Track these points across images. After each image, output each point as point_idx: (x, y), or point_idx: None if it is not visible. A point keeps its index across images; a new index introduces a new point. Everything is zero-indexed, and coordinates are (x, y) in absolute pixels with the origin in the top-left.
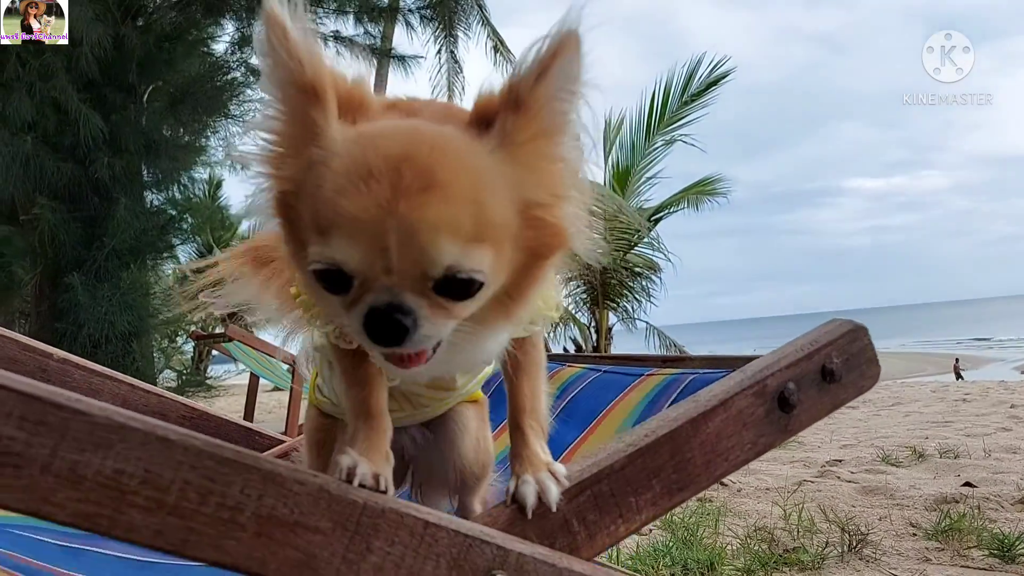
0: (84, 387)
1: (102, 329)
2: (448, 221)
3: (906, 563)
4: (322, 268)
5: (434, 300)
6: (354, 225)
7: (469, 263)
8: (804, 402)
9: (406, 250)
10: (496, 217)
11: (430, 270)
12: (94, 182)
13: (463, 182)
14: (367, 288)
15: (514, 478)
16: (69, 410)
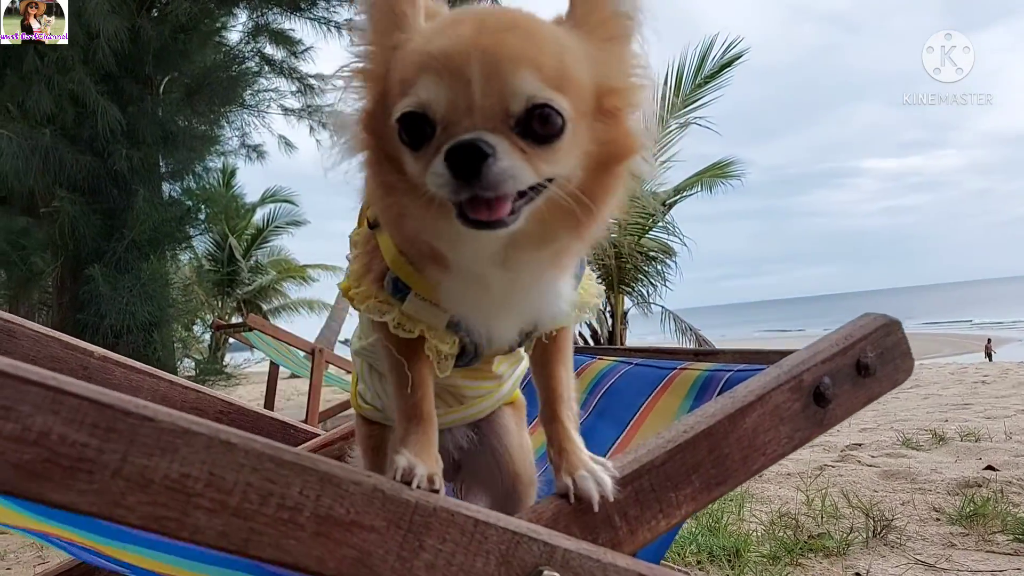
0: (125, 384)
1: (123, 320)
2: (531, 57)
3: (931, 548)
4: (408, 111)
5: (515, 141)
6: (440, 60)
7: (549, 96)
8: (839, 396)
9: (489, 83)
10: (574, 75)
11: (511, 104)
12: (112, 174)
13: (544, 32)
14: (449, 135)
15: (566, 474)
16: (137, 416)
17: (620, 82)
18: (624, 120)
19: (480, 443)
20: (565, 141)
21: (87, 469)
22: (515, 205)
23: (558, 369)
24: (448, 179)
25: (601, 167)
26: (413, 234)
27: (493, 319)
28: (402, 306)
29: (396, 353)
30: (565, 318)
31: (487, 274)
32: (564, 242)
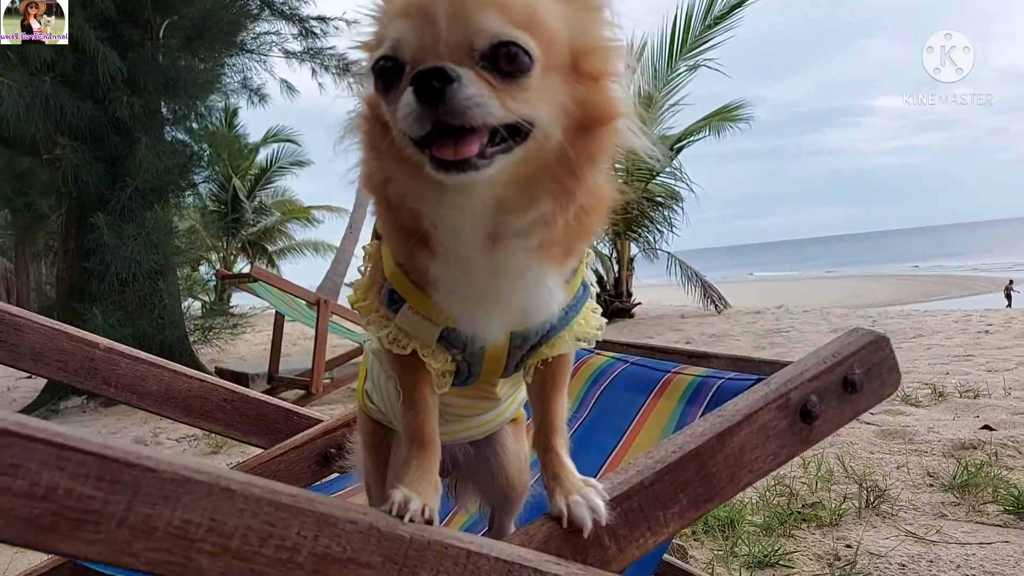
0: (130, 375)
1: (129, 268)
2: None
3: (922, 518)
4: (381, 55)
5: (480, 73)
6: (408, 4)
7: (515, 33)
8: (825, 413)
9: (455, 22)
10: (544, 20)
11: (476, 39)
12: (114, 121)
13: None
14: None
15: (560, 499)
16: (140, 468)
17: (595, 42)
18: (605, 85)
19: (478, 454)
20: (534, 81)
21: (93, 520)
22: (486, 150)
23: (555, 400)
24: (414, 106)
25: (582, 129)
26: (398, 201)
27: (479, 311)
28: (395, 319)
29: (398, 372)
30: (562, 343)
31: (473, 257)
32: (547, 208)
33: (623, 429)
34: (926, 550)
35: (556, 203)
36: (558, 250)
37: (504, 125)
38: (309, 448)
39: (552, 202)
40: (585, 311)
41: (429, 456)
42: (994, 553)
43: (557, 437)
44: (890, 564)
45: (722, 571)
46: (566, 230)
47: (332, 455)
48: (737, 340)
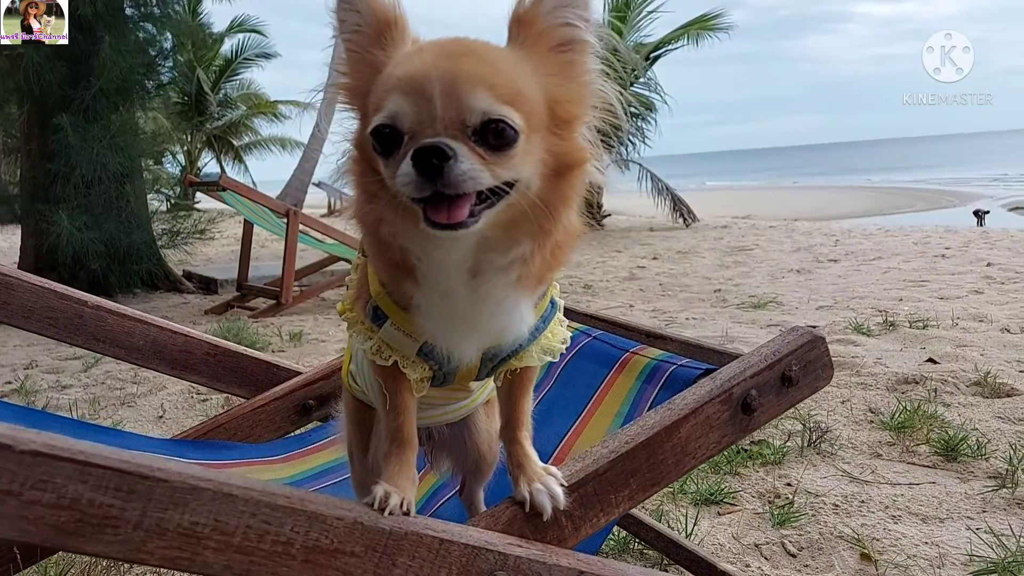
0: (118, 331)
1: (94, 170)
2: (483, 76)
3: (859, 458)
4: (379, 123)
5: (473, 148)
6: (405, 81)
7: (502, 111)
8: (764, 405)
9: (447, 99)
10: (525, 92)
11: (468, 116)
12: (76, 19)
13: (495, 56)
14: (415, 143)
15: (524, 485)
16: (153, 479)
17: (569, 92)
18: (576, 130)
19: (452, 431)
20: (519, 149)
21: (113, 525)
22: (475, 209)
23: (522, 400)
24: (413, 177)
25: (557, 176)
26: (389, 239)
27: (458, 335)
28: (379, 333)
29: (381, 378)
30: (529, 357)
31: (455, 288)
32: (526, 248)
33: (584, 402)
34: (859, 490)
35: (535, 242)
36: (533, 280)
37: (490, 187)
38: (289, 399)
39: (531, 242)
40: (552, 326)
41: (407, 453)
42: (920, 494)
43: (522, 430)
44: (825, 504)
45: (670, 507)
46: (542, 264)
47: (311, 406)
48: (703, 257)
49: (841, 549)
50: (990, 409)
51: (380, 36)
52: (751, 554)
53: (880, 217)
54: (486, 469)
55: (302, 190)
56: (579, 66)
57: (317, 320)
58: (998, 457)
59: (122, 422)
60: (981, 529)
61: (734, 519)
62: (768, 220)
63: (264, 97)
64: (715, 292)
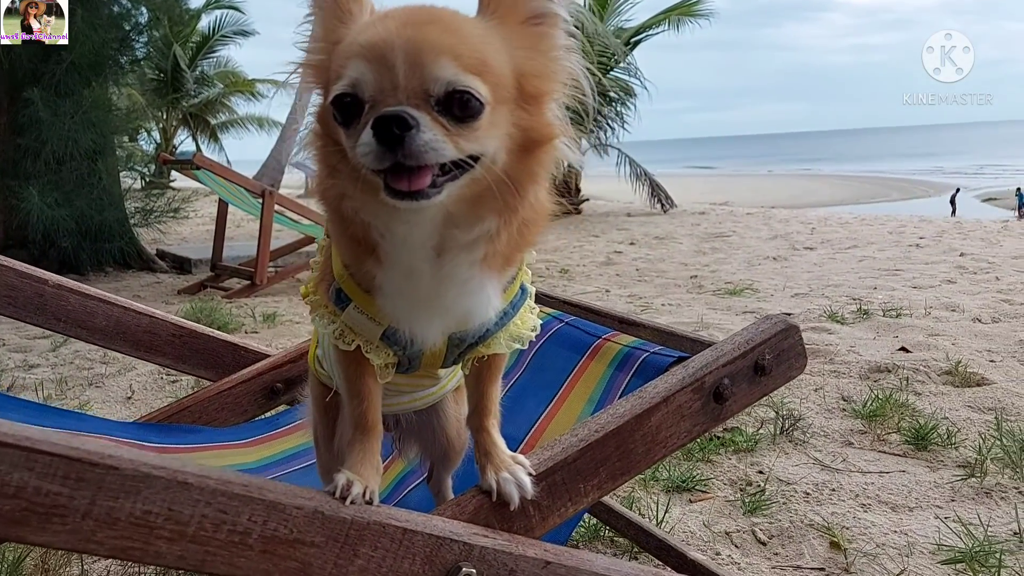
0: (80, 310)
1: (66, 147)
2: (449, 46)
3: (831, 446)
4: (340, 91)
5: (436, 118)
6: (367, 48)
7: (468, 81)
8: (736, 394)
9: (411, 67)
10: (492, 63)
11: (432, 86)
12: None
13: (462, 25)
14: (376, 112)
15: (491, 474)
16: (103, 467)
17: (537, 66)
18: (544, 106)
19: (419, 418)
20: (484, 121)
21: (60, 514)
22: (437, 180)
23: (490, 388)
24: (374, 147)
25: (523, 151)
26: (351, 215)
27: (421, 317)
28: (342, 316)
29: (344, 363)
30: (497, 343)
31: (418, 267)
32: (492, 225)
33: (556, 388)
34: (830, 478)
35: (500, 219)
36: (499, 260)
37: (453, 160)
38: (256, 382)
39: (496, 218)
40: (522, 312)
41: (372, 440)
42: (891, 482)
43: (490, 418)
44: (796, 492)
45: (641, 495)
46: (508, 242)
47: (279, 389)
48: (680, 243)
49: (811, 537)
50: (960, 398)
51: (340, 7)
52: (722, 542)
53: (856, 206)
54: (454, 456)
55: (279, 170)
56: (550, 40)
57: (291, 301)
58: (967, 446)
59: (89, 403)
60: (950, 518)
61: (705, 506)
62: (746, 207)
63: (241, 75)
64: (691, 278)
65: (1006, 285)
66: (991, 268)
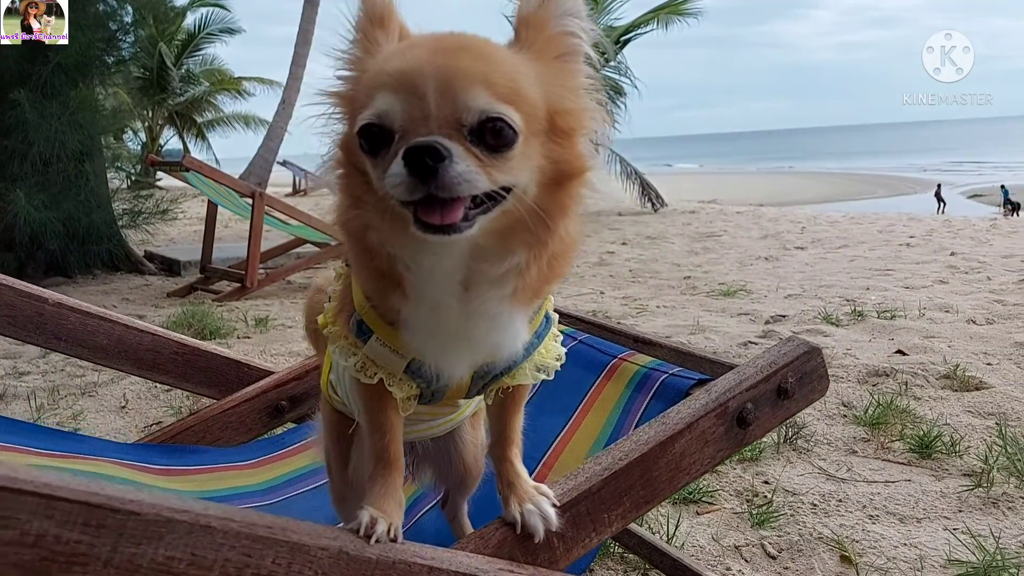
0: (80, 329)
1: (53, 148)
2: (482, 73)
3: (834, 454)
4: (367, 122)
5: (469, 148)
6: (396, 77)
7: (501, 109)
8: (759, 419)
9: (442, 97)
10: (526, 92)
11: (465, 115)
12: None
13: (495, 53)
14: (407, 141)
15: (515, 505)
16: (124, 512)
17: (570, 103)
18: (576, 140)
19: (436, 444)
20: (517, 152)
21: (81, 562)
22: (469, 212)
23: (514, 418)
24: (405, 178)
25: (555, 184)
26: (376, 246)
27: (448, 352)
28: (364, 348)
29: (365, 396)
30: (522, 374)
31: (446, 301)
32: (521, 258)
33: (571, 409)
34: (836, 488)
35: (530, 252)
36: (528, 294)
37: (486, 192)
38: (261, 400)
39: (526, 252)
40: (547, 341)
41: (394, 475)
42: (897, 492)
43: (513, 448)
44: (803, 503)
45: None
46: (538, 276)
47: (283, 407)
48: (672, 243)
49: (821, 551)
50: (960, 403)
51: (367, 36)
52: (731, 556)
53: (842, 203)
54: (471, 483)
55: (267, 169)
56: (578, 76)
57: (283, 304)
58: (971, 455)
59: (83, 413)
60: (958, 530)
61: (713, 519)
62: (734, 205)
63: (227, 73)
64: (685, 279)
65: (998, 285)
66: (982, 268)
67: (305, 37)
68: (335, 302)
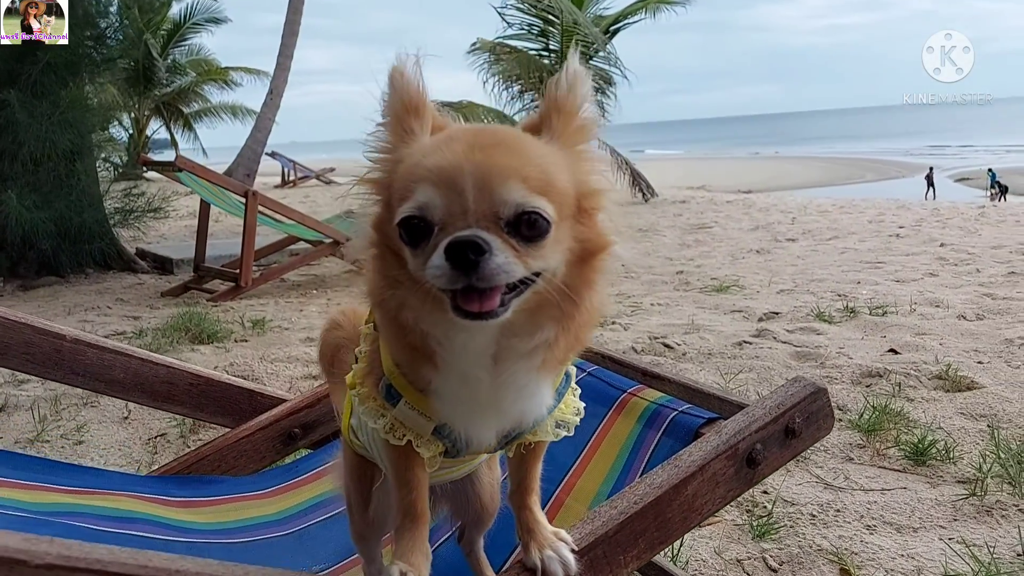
0: (97, 364)
1: (43, 147)
2: (517, 168)
3: (831, 462)
4: (408, 215)
5: (506, 239)
6: (436, 173)
7: (536, 202)
8: (768, 459)
9: (480, 192)
10: (557, 182)
11: (502, 209)
12: None
13: (528, 147)
14: (447, 234)
15: (535, 552)
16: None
17: (592, 183)
18: (596, 218)
19: (453, 485)
20: (550, 240)
21: None
22: (504, 298)
23: (534, 467)
24: (447, 270)
25: (581, 262)
26: (411, 324)
27: (478, 419)
28: (393, 411)
29: (393, 455)
30: (544, 431)
31: (476, 374)
32: (550, 333)
33: (583, 444)
34: (834, 497)
35: (558, 327)
36: (555, 364)
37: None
38: (274, 429)
39: (555, 326)
40: (568, 395)
41: (421, 528)
42: (893, 500)
43: (533, 496)
44: (802, 514)
45: None
46: (565, 347)
47: (296, 435)
48: (663, 236)
49: (821, 563)
50: (952, 404)
51: (402, 125)
52: (734, 570)
53: (832, 188)
54: (487, 520)
55: (255, 160)
56: (595, 156)
57: (278, 304)
58: (966, 461)
59: (86, 424)
60: (954, 539)
61: (715, 531)
62: (724, 193)
63: (214, 63)
64: (677, 274)
65: (987, 277)
66: (971, 259)
67: (292, 27)
68: (363, 363)
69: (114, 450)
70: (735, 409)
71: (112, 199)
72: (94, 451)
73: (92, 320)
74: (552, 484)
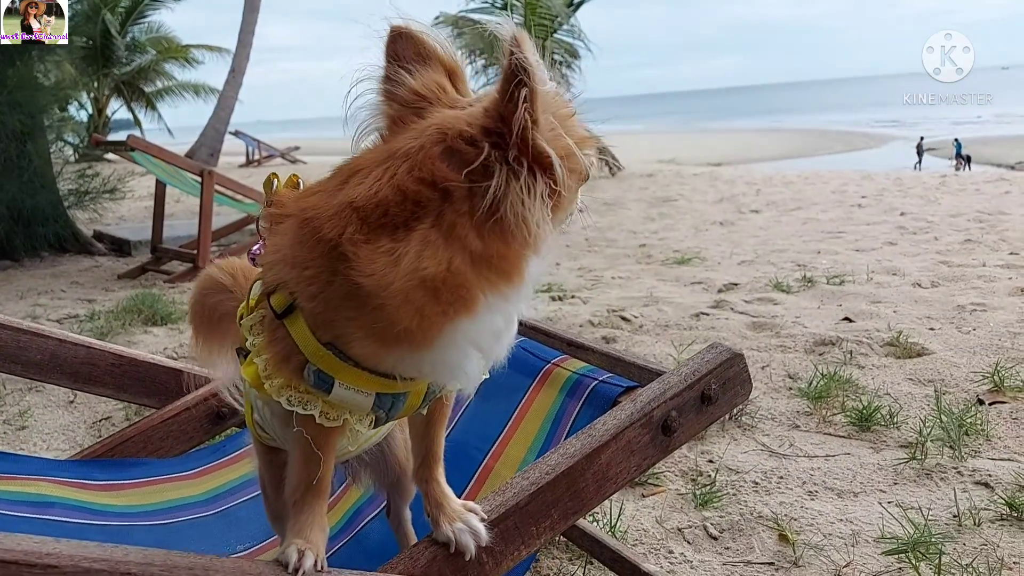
0: (12, 345)
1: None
2: None
3: (777, 429)
4: None
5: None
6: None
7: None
8: (684, 425)
9: None
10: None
11: None
12: None
13: None
14: None
15: (446, 525)
16: (41, 566)
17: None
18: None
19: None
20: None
21: None
22: None
23: (438, 431)
24: None
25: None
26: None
27: (475, 366)
28: (328, 396)
29: (314, 433)
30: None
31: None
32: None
33: (507, 415)
34: (778, 464)
35: None
36: None
37: None
38: (201, 408)
39: None
40: None
41: (321, 502)
42: (836, 466)
43: (438, 467)
44: (745, 481)
45: None
46: None
47: (224, 414)
48: (628, 210)
49: (760, 530)
50: (902, 371)
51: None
52: (674, 539)
53: (799, 159)
54: (407, 482)
55: (218, 139)
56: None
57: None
58: (909, 426)
59: (30, 409)
60: (892, 503)
61: (658, 501)
62: (691, 166)
63: (175, 41)
64: (640, 247)
65: (944, 246)
66: (930, 228)
67: (252, 3)
68: (268, 355)
69: (58, 434)
70: (654, 377)
71: (66, 181)
72: (37, 436)
73: (45, 304)
74: (481, 453)
